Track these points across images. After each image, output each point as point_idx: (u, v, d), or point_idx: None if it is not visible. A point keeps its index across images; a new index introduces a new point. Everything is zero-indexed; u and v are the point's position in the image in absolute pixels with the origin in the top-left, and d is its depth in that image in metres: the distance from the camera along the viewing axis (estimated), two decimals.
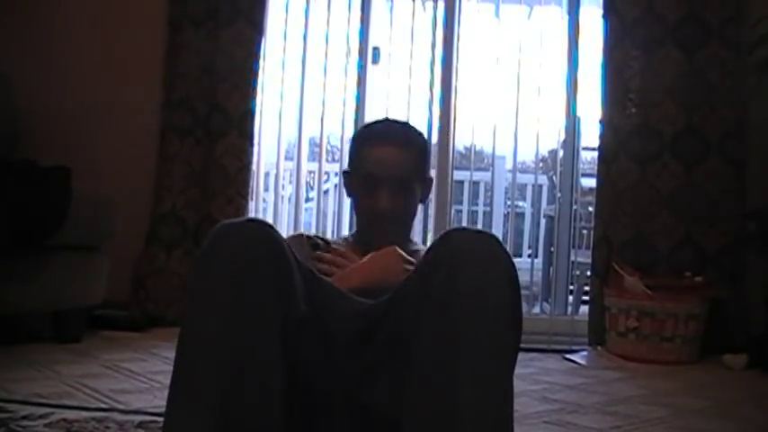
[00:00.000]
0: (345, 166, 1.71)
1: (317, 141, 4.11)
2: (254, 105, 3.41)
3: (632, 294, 3.04)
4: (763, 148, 3.21)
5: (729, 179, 3.22)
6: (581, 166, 4.04)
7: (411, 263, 1.41)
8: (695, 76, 3.23)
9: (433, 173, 3.62)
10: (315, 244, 1.57)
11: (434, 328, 1.08)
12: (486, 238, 1.15)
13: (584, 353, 3.16)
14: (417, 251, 1.56)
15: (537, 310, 4.17)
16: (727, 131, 3.22)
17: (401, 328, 1.15)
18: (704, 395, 2.41)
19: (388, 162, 1.54)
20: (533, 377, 2.56)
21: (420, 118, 3.68)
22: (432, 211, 3.66)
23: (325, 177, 5.00)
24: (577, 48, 3.60)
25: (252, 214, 3.46)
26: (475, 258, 1.10)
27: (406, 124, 1.68)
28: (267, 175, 4.27)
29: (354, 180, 1.61)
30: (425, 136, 1.67)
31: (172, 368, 1.09)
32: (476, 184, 6.22)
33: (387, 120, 1.71)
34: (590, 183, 3.83)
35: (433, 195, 3.66)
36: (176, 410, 1.05)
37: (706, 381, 2.69)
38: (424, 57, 3.64)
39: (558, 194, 3.85)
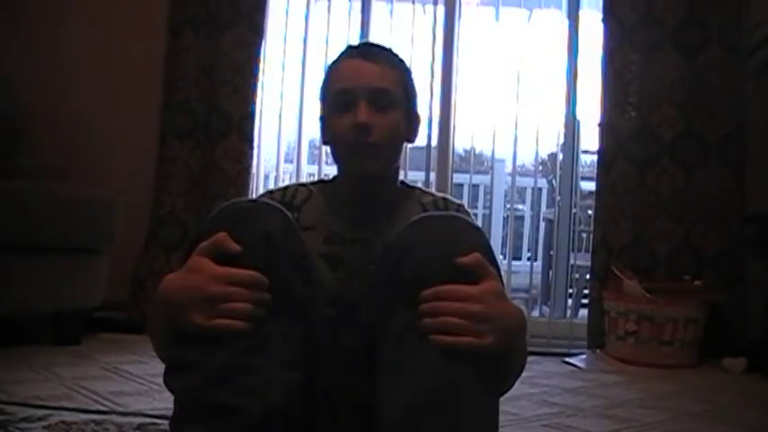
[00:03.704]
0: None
1: (317, 144, 4.11)
2: (254, 108, 3.41)
3: (631, 298, 3.04)
4: (763, 152, 3.21)
5: (729, 183, 3.22)
6: (580, 169, 4.05)
7: None
8: (694, 79, 3.24)
9: (432, 176, 3.68)
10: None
11: (404, 317, 1.06)
12: (454, 218, 1.14)
13: (584, 356, 3.16)
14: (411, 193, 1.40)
15: (536, 313, 4.17)
16: (726, 135, 3.23)
17: (372, 315, 1.12)
18: (703, 399, 2.41)
19: (365, 73, 1.29)
20: (532, 380, 2.56)
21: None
22: None
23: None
24: (577, 51, 3.61)
25: None
26: (443, 237, 1.09)
27: (386, 48, 1.40)
28: (267, 177, 4.27)
29: (329, 113, 1.33)
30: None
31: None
32: (475, 187, 6.24)
33: (363, 43, 1.46)
34: (589, 186, 3.84)
35: None
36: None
37: (705, 384, 2.69)
38: (425, 59, 3.64)
39: (558, 198, 3.86)
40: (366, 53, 1.33)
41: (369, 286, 1.16)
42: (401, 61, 1.38)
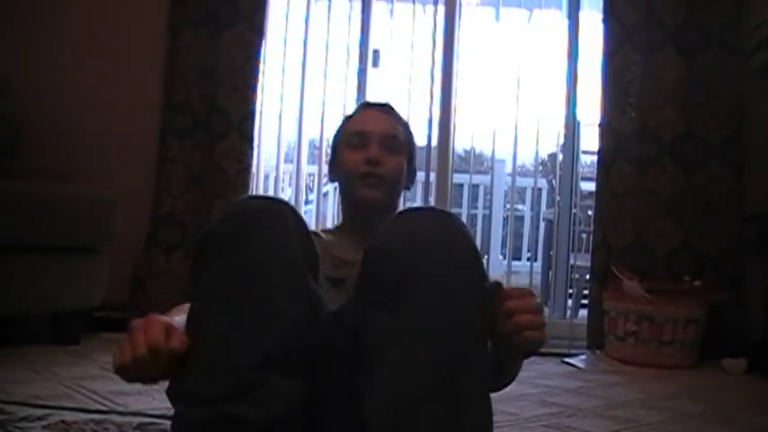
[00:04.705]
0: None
1: (317, 144, 4.11)
2: (254, 108, 3.41)
3: (631, 298, 3.04)
4: (763, 153, 3.21)
5: (729, 183, 3.22)
6: (580, 169, 4.05)
7: None
8: (695, 80, 3.24)
9: (432, 176, 3.68)
10: None
11: (395, 329, 1.04)
12: (444, 219, 1.10)
13: (583, 356, 3.16)
14: None
15: None
16: (726, 136, 3.23)
17: (354, 326, 1.10)
18: (703, 399, 2.41)
19: (379, 121, 1.54)
20: (532, 381, 2.56)
21: (420, 121, 3.69)
22: None
23: (324, 180, 5.00)
24: (577, 52, 3.61)
25: None
26: (435, 246, 1.06)
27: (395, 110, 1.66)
28: (267, 177, 4.27)
29: (342, 150, 1.55)
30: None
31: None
32: (475, 187, 6.25)
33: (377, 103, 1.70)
34: (589, 186, 3.84)
35: (432, 199, 3.67)
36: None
37: (705, 385, 2.69)
38: (424, 60, 3.65)
39: (558, 198, 3.86)
40: (380, 106, 1.59)
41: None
42: (407, 124, 1.62)
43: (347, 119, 1.61)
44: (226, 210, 1.13)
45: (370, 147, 1.49)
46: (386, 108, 1.59)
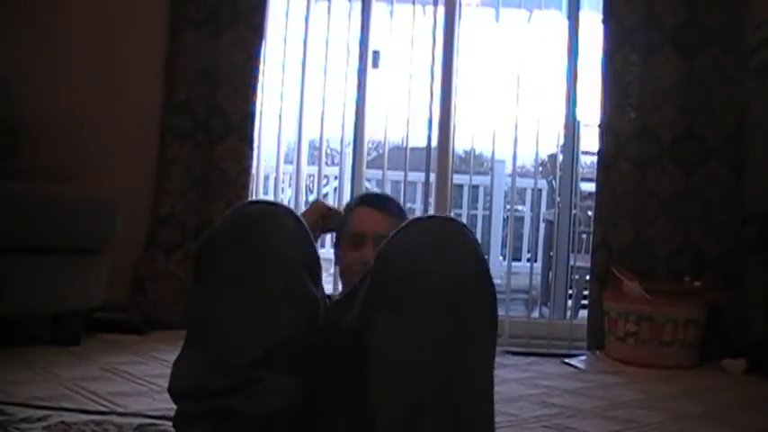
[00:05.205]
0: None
1: (317, 145, 4.11)
2: (254, 108, 3.41)
3: (631, 299, 3.04)
4: (763, 153, 3.21)
5: (729, 184, 3.22)
6: (580, 170, 4.05)
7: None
8: (695, 80, 3.24)
9: (432, 177, 3.68)
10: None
11: (396, 330, 1.06)
12: (452, 226, 1.14)
13: (583, 357, 3.16)
14: None
15: (536, 314, 4.17)
16: (726, 136, 3.23)
17: (356, 324, 1.13)
18: (703, 400, 2.41)
19: (374, 222, 1.64)
20: (532, 381, 2.56)
21: (419, 121, 3.69)
22: None
23: (324, 181, 5.00)
24: (577, 52, 3.61)
25: None
26: (438, 252, 1.09)
27: (387, 197, 1.84)
28: (267, 178, 4.28)
29: (346, 245, 1.68)
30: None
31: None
32: (475, 188, 6.25)
33: (369, 193, 1.76)
34: (589, 187, 3.84)
35: (432, 199, 3.67)
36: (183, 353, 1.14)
37: (705, 386, 2.69)
38: (424, 60, 3.65)
39: (558, 199, 3.86)
40: (377, 204, 1.68)
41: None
42: (401, 209, 1.73)
43: (351, 210, 1.70)
44: (227, 215, 1.17)
45: (365, 248, 1.59)
46: (381, 205, 1.69)
